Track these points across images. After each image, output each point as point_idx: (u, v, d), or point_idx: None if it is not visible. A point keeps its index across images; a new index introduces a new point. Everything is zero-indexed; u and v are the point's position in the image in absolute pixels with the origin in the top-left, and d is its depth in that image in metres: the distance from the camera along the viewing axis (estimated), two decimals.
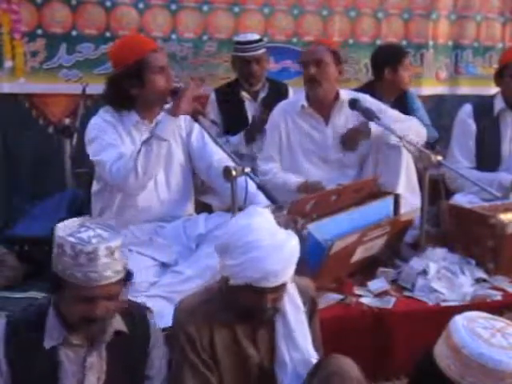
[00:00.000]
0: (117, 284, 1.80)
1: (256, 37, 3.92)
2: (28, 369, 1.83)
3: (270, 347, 2.03)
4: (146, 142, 2.57)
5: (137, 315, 1.98)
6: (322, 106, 3.28)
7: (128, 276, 1.85)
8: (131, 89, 2.70)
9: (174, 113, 2.60)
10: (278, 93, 3.94)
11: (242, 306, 1.94)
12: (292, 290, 2.03)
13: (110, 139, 2.67)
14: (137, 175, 2.56)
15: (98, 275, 1.73)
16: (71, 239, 1.73)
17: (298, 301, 2.05)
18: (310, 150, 3.32)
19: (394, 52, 4.00)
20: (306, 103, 3.29)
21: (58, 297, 1.83)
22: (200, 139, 2.88)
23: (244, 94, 3.90)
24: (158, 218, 2.82)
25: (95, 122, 2.75)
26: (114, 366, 1.90)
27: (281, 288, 1.90)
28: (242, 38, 3.94)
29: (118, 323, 1.90)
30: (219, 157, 2.77)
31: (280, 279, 1.86)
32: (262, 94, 3.93)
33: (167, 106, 2.71)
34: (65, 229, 1.78)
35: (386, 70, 3.88)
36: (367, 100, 3.29)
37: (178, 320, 2.00)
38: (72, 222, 1.82)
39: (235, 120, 3.81)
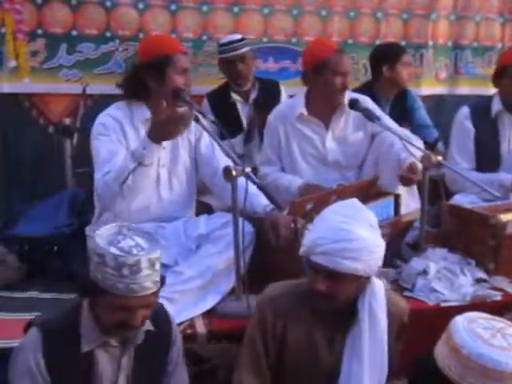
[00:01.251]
0: (155, 293, 1.81)
1: (237, 36, 3.93)
2: (66, 375, 1.83)
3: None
4: (132, 172, 2.53)
5: (159, 312, 2.00)
6: (323, 111, 3.27)
7: (162, 282, 1.86)
8: (149, 80, 2.72)
9: (160, 139, 2.53)
10: (269, 92, 3.95)
11: (313, 293, 1.94)
12: (376, 304, 1.98)
13: (110, 143, 2.68)
14: (124, 197, 2.60)
15: (140, 287, 1.73)
16: (113, 250, 1.71)
17: (383, 318, 1.99)
18: (309, 153, 3.31)
19: (391, 49, 4.01)
20: (305, 111, 3.26)
21: (93, 301, 1.83)
22: (209, 146, 2.88)
23: (235, 97, 3.90)
24: (158, 218, 2.82)
25: (101, 120, 2.76)
26: (139, 364, 1.92)
27: (338, 277, 1.87)
28: (224, 39, 3.96)
29: (147, 323, 1.91)
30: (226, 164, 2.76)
31: (328, 259, 1.85)
32: (253, 95, 3.93)
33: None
34: (102, 237, 1.75)
35: (384, 67, 3.90)
36: (367, 102, 3.28)
37: (258, 304, 2.05)
38: (108, 229, 1.78)
39: (229, 123, 3.80)
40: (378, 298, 1.98)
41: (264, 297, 2.07)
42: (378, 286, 1.99)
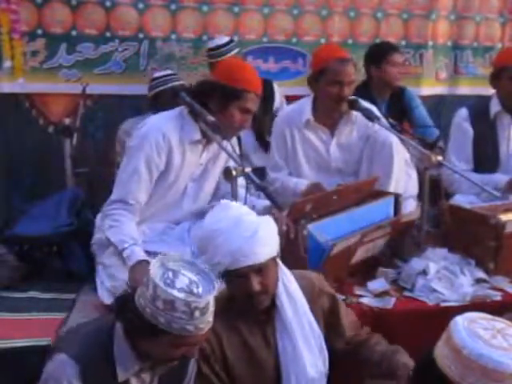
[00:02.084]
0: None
1: (226, 39, 3.92)
2: None
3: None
4: (112, 244, 2.55)
5: None
6: (329, 117, 3.24)
7: None
8: (212, 101, 2.63)
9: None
10: (263, 92, 3.93)
11: (237, 299, 1.95)
12: (290, 284, 2.02)
13: (145, 167, 2.61)
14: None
15: (206, 325, 1.72)
16: (181, 295, 1.65)
17: (299, 295, 2.03)
18: (313, 158, 3.30)
19: (378, 49, 4.02)
20: (311, 118, 3.23)
21: (136, 334, 1.75)
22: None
23: None
24: (171, 222, 2.81)
25: (151, 134, 2.63)
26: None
27: (264, 269, 1.90)
28: (211, 44, 3.95)
29: None
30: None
31: (252, 258, 1.86)
32: None
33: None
34: (159, 278, 1.67)
35: (372, 67, 3.94)
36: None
37: None
38: (157, 268, 1.70)
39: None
40: (288, 276, 2.04)
41: None
42: (284, 267, 2.05)
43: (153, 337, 1.71)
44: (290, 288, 2.02)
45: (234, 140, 3.68)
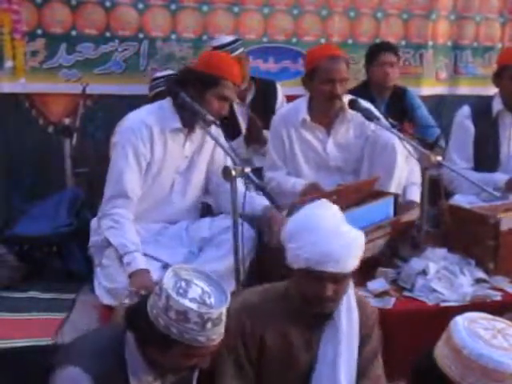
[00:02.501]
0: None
1: (230, 38, 3.91)
2: None
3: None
4: (112, 245, 2.57)
5: None
6: (325, 116, 3.25)
7: None
8: (191, 89, 2.67)
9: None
10: (265, 92, 3.94)
11: (303, 296, 1.96)
12: (352, 300, 2.05)
13: (134, 158, 2.65)
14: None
15: (218, 336, 1.72)
16: (194, 306, 1.65)
17: (355, 313, 2.06)
18: (311, 158, 3.30)
19: (370, 50, 4.04)
20: (307, 117, 3.24)
21: (148, 343, 1.74)
22: (222, 159, 2.86)
23: None
24: (165, 220, 2.82)
25: (132, 124, 2.72)
26: None
27: (341, 279, 1.93)
28: (216, 42, 3.93)
29: None
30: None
31: (339, 266, 1.88)
32: (250, 96, 3.92)
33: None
34: (171, 288, 1.66)
35: (366, 68, 3.98)
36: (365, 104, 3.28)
37: (235, 309, 1.99)
38: (170, 278, 1.69)
39: (225, 124, 3.78)
40: (351, 295, 2.07)
41: (240, 305, 2.04)
42: (351, 285, 2.07)
43: (165, 347, 1.70)
44: (351, 304, 2.05)
45: (234, 143, 3.72)
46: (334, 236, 1.90)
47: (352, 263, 1.92)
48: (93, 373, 1.69)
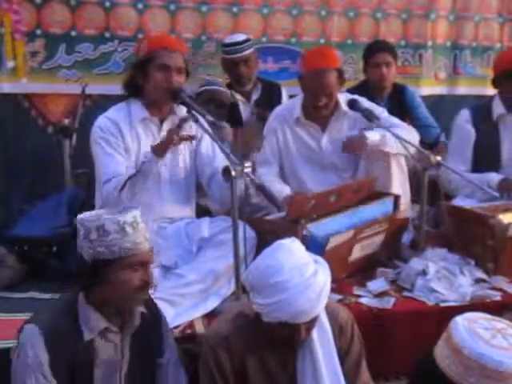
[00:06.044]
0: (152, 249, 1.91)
1: (242, 37, 3.91)
2: (70, 367, 1.85)
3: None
4: (131, 178, 2.58)
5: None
6: (319, 115, 3.27)
7: None
8: (138, 78, 2.77)
9: (160, 153, 2.60)
10: (270, 94, 3.95)
11: (276, 337, 1.92)
12: (321, 315, 1.98)
13: (108, 147, 2.72)
14: (129, 199, 2.61)
15: (144, 239, 1.84)
16: (109, 216, 1.80)
17: (326, 325, 2.00)
18: (306, 155, 3.33)
19: (365, 51, 4.02)
20: (301, 115, 3.28)
21: (96, 285, 1.85)
22: (210, 147, 2.88)
23: (237, 96, 3.89)
24: (160, 218, 2.82)
25: (99, 123, 2.80)
26: (136, 350, 1.96)
27: (314, 320, 1.90)
28: (228, 40, 3.94)
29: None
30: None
31: (312, 315, 1.85)
32: (255, 96, 3.93)
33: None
34: (88, 217, 1.82)
35: (364, 68, 3.98)
36: (364, 102, 3.28)
37: (210, 346, 1.97)
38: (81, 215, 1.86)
39: (230, 123, 3.79)
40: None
41: (214, 340, 1.98)
42: None
43: (107, 275, 1.81)
44: (321, 319, 1.98)
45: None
46: (303, 290, 1.80)
47: (323, 304, 1.87)
48: (45, 327, 1.82)
